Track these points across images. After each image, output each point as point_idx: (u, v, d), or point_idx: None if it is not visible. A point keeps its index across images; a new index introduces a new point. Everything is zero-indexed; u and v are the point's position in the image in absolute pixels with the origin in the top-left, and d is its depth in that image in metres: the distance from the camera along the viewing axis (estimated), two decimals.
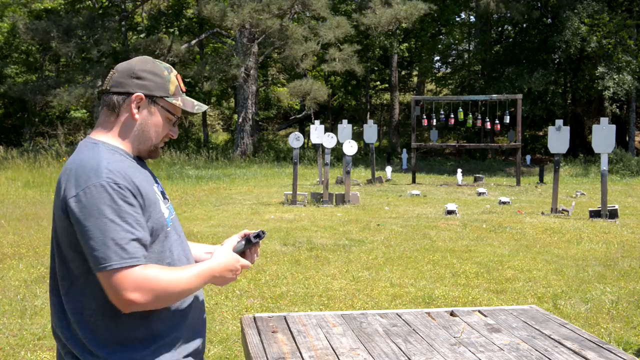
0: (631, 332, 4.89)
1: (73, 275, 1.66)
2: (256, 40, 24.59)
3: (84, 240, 1.59)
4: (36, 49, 30.34)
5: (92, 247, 1.57)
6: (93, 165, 1.63)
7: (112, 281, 1.58)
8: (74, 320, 1.68)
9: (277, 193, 14.22)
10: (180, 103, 1.80)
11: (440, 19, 30.34)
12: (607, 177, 11.03)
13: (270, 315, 2.85)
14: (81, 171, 1.63)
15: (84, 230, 1.58)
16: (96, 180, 1.60)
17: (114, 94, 1.73)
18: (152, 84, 1.76)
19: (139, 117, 1.75)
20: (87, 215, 1.58)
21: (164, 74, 1.78)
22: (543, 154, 29.74)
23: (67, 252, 1.66)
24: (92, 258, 1.58)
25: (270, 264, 7.05)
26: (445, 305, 5.45)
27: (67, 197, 1.61)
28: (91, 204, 1.58)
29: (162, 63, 1.82)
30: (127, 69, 1.75)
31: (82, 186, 1.60)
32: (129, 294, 1.59)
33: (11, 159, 18.91)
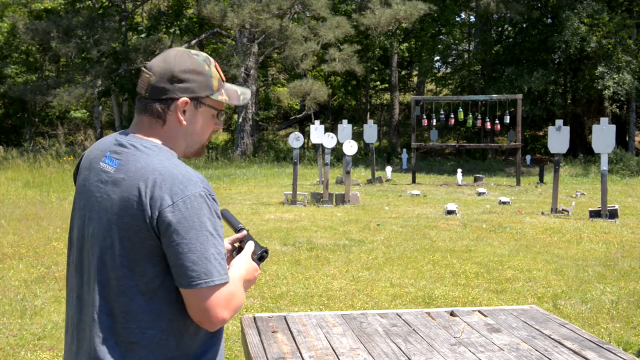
0: (631, 332, 4.89)
1: (140, 291, 1.52)
2: (256, 40, 24.59)
3: (179, 253, 1.46)
4: (36, 49, 30.35)
5: (193, 261, 1.46)
6: (183, 173, 1.51)
7: (208, 298, 1.48)
8: (133, 340, 1.53)
9: (277, 193, 14.22)
10: (225, 97, 1.68)
11: (440, 19, 30.34)
12: (607, 177, 11.03)
13: (270, 315, 2.86)
14: (173, 178, 1.49)
15: (183, 242, 1.46)
16: (194, 190, 1.49)
17: (156, 101, 1.59)
18: (195, 85, 1.62)
19: (186, 121, 1.63)
20: (188, 228, 1.46)
21: (205, 70, 1.63)
22: (543, 154, 29.74)
23: (136, 265, 1.51)
24: (189, 273, 1.46)
25: (270, 264, 7.05)
26: (445, 305, 5.45)
27: (161, 206, 1.46)
28: (192, 215, 1.47)
29: (199, 55, 1.66)
30: (166, 71, 1.59)
31: (180, 195, 1.47)
32: (221, 311, 1.50)
33: (11, 159, 18.91)
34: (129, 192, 1.50)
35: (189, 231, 1.46)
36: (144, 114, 1.61)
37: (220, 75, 1.68)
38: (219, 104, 1.68)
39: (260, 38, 24.33)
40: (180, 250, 1.46)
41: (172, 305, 1.53)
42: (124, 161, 1.55)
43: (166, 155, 1.56)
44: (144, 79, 1.60)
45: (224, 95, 1.68)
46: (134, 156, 1.55)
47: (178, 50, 1.64)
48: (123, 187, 1.52)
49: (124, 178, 1.52)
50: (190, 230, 1.46)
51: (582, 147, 26.77)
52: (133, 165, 1.53)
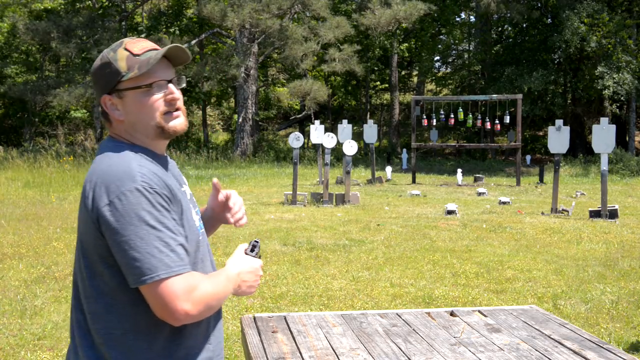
0: (631, 332, 4.89)
1: (101, 292, 1.51)
2: (256, 40, 24.59)
3: (122, 251, 1.44)
4: (36, 49, 30.34)
5: (135, 258, 1.43)
6: (124, 169, 1.49)
7: (160, 293, 1.44)
8: (101, 341, 1.52)
9: (277, 193, 14.22)
10: (135, 72, 1.55)
11: (440, 19, 30.34)
12: (607, 177, 11.03)
13: (270, 315, 2.86)
14: (111, 176, 1.48)
15: (123, 240, 1.43)
16: (131, 184, 1.46)
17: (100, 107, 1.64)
18: (102, 79, 1.59)
19: (122, 115, 1.59)
20: (126, 224, 1.43)
21: (108, 59, 1.58)
22: (543, 154, 29.75)
23: (95, 266, 1.51)
24: (133, 270, 1.44)
25: (270, 264, 7.05)
26: (445, 305, 5.46)
27: (99, 205, 1.46)
28: (129, 212, 1.44)
29: (113, 45, 1.61)
30: (91, 77, 1.66)
31: (116, 192, 1.45)
32: (181, 304, 1.44)
33: (11, 159, 18.91)
34: (83, 195, 1.54)
35: (127, 228, 1.43)
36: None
37: (133, 51, 1.58)
38: (140, 80, 1.57)
39: (260, 38, 24.33)
40: (122, 248, 1.44)
41: (135, 305, 1.51)
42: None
43: (123, 153, 1.55)
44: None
45: (135, 70, 1.56)
46: (96, 157, 1.60)
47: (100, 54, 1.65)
48: (83, 191, 1.56)
49: (85, 181, 1.57)
50: (128, 226, 1.43)
51: (582, 147, 26.78)
52: (91, 167, 1.59)
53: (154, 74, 1.58)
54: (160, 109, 1.59)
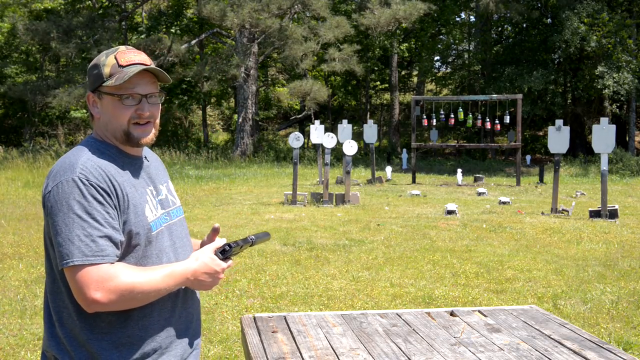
0: (631, 332, 4.89)
1: (54, 273, 1.66)
2: (256, 40, 24.59)
3: (53, 235, 1.57)
4: (36, 49, 30.33)
5: (58, 243, 1.55)
6: (72, 162, 1.64)
7: (75, 278, 1.54)
8: (56, 318, 1.67)
9: (277, 193, 14.21)
10: (112, 82, 1.69)
11: (440, 19, 30.34)
12: (607, 177, 11.03)
13: (270, 315, 2.86)
14: (59, 168, 1.64)
15: (53, 225, 1.57)
16: (69, 175, 1.59)
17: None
18: (91, 78, 1.75)
19: (99, 113, 1.75)
20: (57, 210, 1.57)
21: (100, 62, 1.73)
22: (543, 154, 29.75)
23: (48, 249, 1.66)
24: (57, 254, 1.56)
25: (270, 264, 7.05)
26: (445, 305, 5.45)
27: (44, 192, 1.63)
28: (61, 199, 1.57)
29: (110, 49, 1.75)
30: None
31: (56, 181, 1.60)
32: (91, 292, 1.53)
33: (11, 159, 18.91)
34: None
35: (58, 214, 1.56)
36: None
37: (120, 61, 1.70)
38: (115, 89, 1.70)
39: (260, 38, 24.33)
40: (53, 232, 1.58)
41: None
42: None
43: (82, 149, 1.69)
44: None
45: (113, 80, 1.69)
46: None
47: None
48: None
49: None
50: (58, 213, 1.56)
51: (582, 147, 26.77)
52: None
53: (131, 86, 1.71)
54: (128, 118, 1.72)
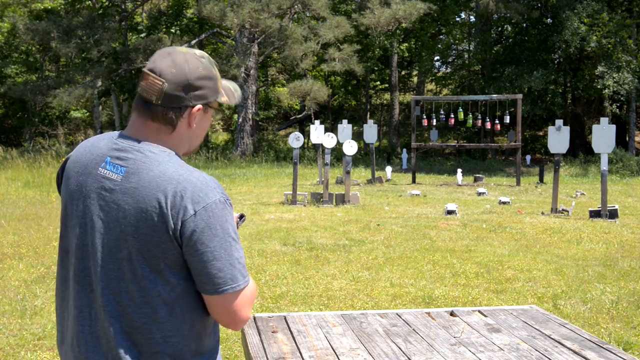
0: (631, 332, 4.89)
1: (161, 301, 1.51)
2: (256, 40, 24.59)
3: (204, 262, 1.47)
4: (36, 49, 30.35)
5: (219, 268, 1.47)
6: (201, 180, 1.49)
7: (235, 301, 1.51)
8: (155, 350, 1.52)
9: (277, 193, 14.22)
10: (225, 98, 1.65)
11: (440, 18, 30.34)
12: (607, 177, 11.03)
13: (270, 315, 2.86)
14: (192, 186, 1.47)
15: (207, 251, 1.46)
16: (214, 197, 1.48)
17: (169, 109, 1.54)
18: (208, 91, 1.59)
19: (195, 125, 1.61)
20: (212, 236, 1.47)
21: (214, 74, 1.60)
22: (543, 154, 29.75)
23: (157, 276, 1.50)
24: (215, 279, 1.48)
25: (270, 264, 7.06)
26: (445, 305, 5.45)
27: (185, 216, 1.45)
28: (215, 223, 1.47)
29: (204, 56, 1.61)
30: (182, 79, 1.53)
31: (202, 204, 1.46)
32: (247, 311, 1.55)
33: (11, 159, 18.92)
34: (147, 202, 1.47)
35: (213, 239, 1.47)
36: (152, 120, 1.55)
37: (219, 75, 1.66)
38: (218, 104, 1.66)
39: (260, 38, 24.33)
40: (205, 258, 1.47)
41: (193, 311, 1.55)
42: (133, 169, 1.51)
43: (179, 162, 1.54)
44: (154, 85, 1.52)
45: (225, 97, 1.65)
46: (144, 164, 1.51)
47: (185, 53, 1.57)
48: (138, 198, 1.48)
49: (136, 187, 1.48)
50: (214, 238, 1.47)
51: (582, 147, 26.78)
52: (146, 174, 1.49)
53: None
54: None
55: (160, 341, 1.52)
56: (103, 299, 1.52)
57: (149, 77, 1.53)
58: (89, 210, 1.54)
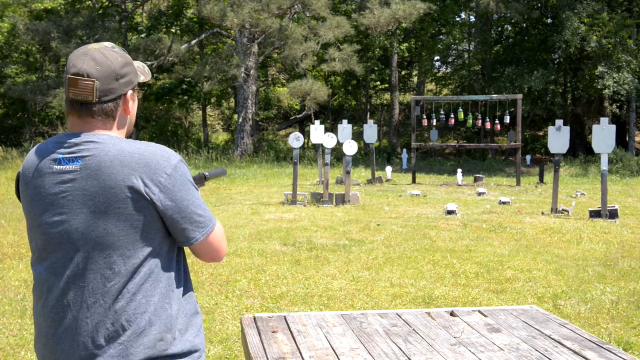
0: (631, 332, 4.89)
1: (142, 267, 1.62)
2: (256, 40, 24.59)
3: (185, 213, 1.63)
4: (36, 49, 30.33)
5: (199, 214, 1.66)
6: (160, 148, 1.65)
7: (214, 239, 1.71)
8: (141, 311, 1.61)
9: (277, 193, 14.21)
10: (143, 77, 1.80)
11: (440, 18, 30.34)
12: (607, 177, 11.03)
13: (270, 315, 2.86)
14: (154, 155, 1.62)
15: (185, 203, 1.63)
16: (176, 158, 1.65)
17: (106, 102, 1.65)
18: (132, 75, 1.72)
19: (131, 109, 1.75)
20: (184, 190, 1.64)
21: (129, 59, 1.73)
22: (543, 154, 29.75)
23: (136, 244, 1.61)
24: (199, 225, 1.66)
25: (270, 264, 7.05)
26: (445, 305, 5.45)
27: (159, 181, 1.60)
28: (184, 179, 1.64)
29: (114, 45, 1.73)
30: (109, 72, 1.64)
31: (170, 167, 1.62)
32: (225, 245, 1.77)
33: (11, 159, 18.92)
34: (114, 179, 1.58)
35: (187, 192, 1.65)
36: (93, 117, 1.65)
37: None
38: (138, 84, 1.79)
39: (260, 38, 24.33)
40: (185, 209, 1.64)
41: (169, 270, 1.68)
42: (89, 156, 1.60)
43: (129, 140, 1.66)
44: (86, 87, 1.61)
45: (142, 75, 1.80)
46: (97, 149, 1.61)
47: (99, 49, 1.67)
48: (103, 177, 1.58)
49: (98, 169, 1.59)
50: (188, 191, 1.65)
51: (582, 147, 26.78)
52: (104, 156, 1.60)
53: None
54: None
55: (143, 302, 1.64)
56: (84, 280, 1.61)
57: (79, 81, 1.62)
58: (53, 205, 1.63)
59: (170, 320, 1.66)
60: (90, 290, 1.60)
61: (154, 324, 1.63)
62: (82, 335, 1.60)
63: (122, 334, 1.60)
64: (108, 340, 1.60)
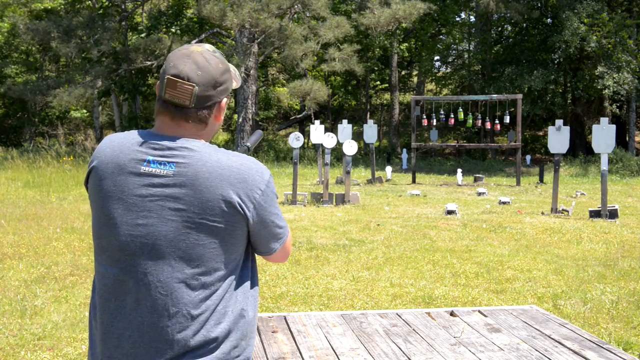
0: (631, 332, 4.89)
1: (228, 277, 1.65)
2: (256, 40, 24.59)
3: (269, 226, 1.68)
4: (36, 49, 30.35)
5: (279, 225, 1.71)
6: (254, 162, 1.68)
7: (288, 243, 1.80)
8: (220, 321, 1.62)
9: (277, 193, 14.20)
10: (236, 83, 1.76)
11: (440, 18, 30.34)
12: (607, 177, 11.03)
13: (270, 315, 2.86)
14: (250, 169, 1.63)
15: (271, 217, 1.67)
16: (267, 172, 1.67)
17: (202, 109, 1.62)
18: (229, 83, 1.69)
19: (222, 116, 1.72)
20: (272, 203, 1.67)
21: (228, 65, 1.70)
22: (543, 154, 29.74)
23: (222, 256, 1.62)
24: (277, 236, 1.72)
25: (270, 263, 7.06)
26: (445, 305, 5.45)
27: (254, 196, 1.62)
28: (272, 194, 1.68)
29: (216, 50, 1.68)
30: (209, 79, 1.60)
31: (264, 182, 1.64)
32: (291, 247, 1.86)
33: (11, 159, 18.91)
34: (214, 192, 1.57)
35: (274, 207, 1.69)
36: (186, 121, 1.62)
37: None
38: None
39: (260, 38, 24.32)
40: (271, 223, 1.68)
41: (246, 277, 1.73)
42: (184, 163, 1.57)
43: (224, 151, 1.65)
44: (185, 91, 1.57)
45: (235, 81, 1.74)
46: (194, 157, 1.58)
47: (202, 52, 1.63)
48: (200, 188, 1.56)
49: (195, 179, 1.56)
50: (274, 206, 1.69)
51: (582, 147, 26.78)
52: (202, 166, 1.57)
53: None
54: None
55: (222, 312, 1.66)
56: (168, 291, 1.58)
57: (178, 83, 1.57)
58: (136, 208, 1.59)
59: (246, 327, 1.67)
60: (174, 299, 1.57)
61: (231, 333, 1.63)
62: (161, 342, 1.58)
63: (202, 344, 1.59)
64: (187, 349, 1.58)
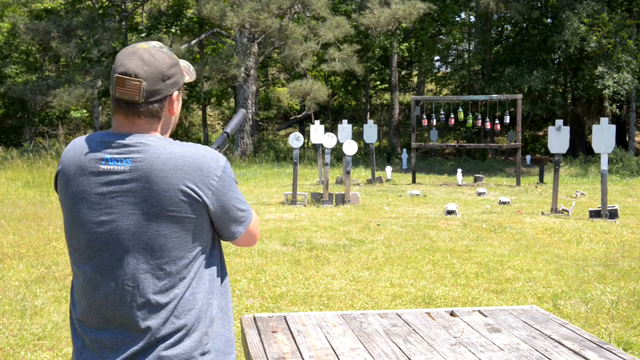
0: (631, 332, 4.89)
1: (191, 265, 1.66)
2: (256, 40, 24.59)
3: (231, 211, 1.70)
4: (36, 49, 30.35)
5: (241, 209, 1.74)
6: (208, 150, 1.70)
7: (253, 225, 1.81)
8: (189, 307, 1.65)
9: (277, 193, 14.21)
10: (188, 77, 1.80)
11: (440, 18, 30.34)
12: (607, 177, 11.03)
13: (270, 315, 2.86)
14: (204, 157, 1.66)
15: (232, 202, 1.70)
16: (223, 159, 1.70)
17: (152, 103, 1.65)
18: (178, 76, 1.72)
19: (176, 109, 1.74)
20: (232, 188, 1.70)
21: (176, 59, 1.73)
22: (543, 154, 29.75)
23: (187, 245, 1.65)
24: (239, 219, 1.74)
25: (270, 264, 7.06)
26: (445, 305, 5.45)
27: (211, 183, 1.64)
28: (230, 179, 1.70)
29: (162, 45, 1.72)
30: (156, 73, 1.64)
31: (219, 169, 1.67)
32: (258, 229, 1.88)
33: (11, 159, 18.92)
34: (169, 182, 1.60)
35: (233, 192, 1.71)
36: (139, 117, 1.65)
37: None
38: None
39: (260, 38, 24.33)
40: (232, 208, 1.71)
41: (212, 265, 1.73)
42: (139, 158, 1.61)
43: (178, 142, 1.68)
44: (133, 87, 1.61)
45: (187, 75, 1.79)
46: (148, 151, 1.62)
47: (147, 49, 1.66)
48: (157, 180, 1.60)
49: (150, 171, 1.60)
50: (233, 191, 1.71)
51: (582, 147, 26.78)
52: (156, 159, 1.61)
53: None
54: None
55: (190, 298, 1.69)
56: (134, 279, 1.63)
57: (126, 81, 1.61)
58: (98, 206, 1.63)
59: (215, 314, 1.71)
60: (141, 289, 1.62)
61: (201, 320, 1.67)
62: (132, 333, 1.63)
63: (172, 332, 1.64)
64: (158, 338, 1.63)
